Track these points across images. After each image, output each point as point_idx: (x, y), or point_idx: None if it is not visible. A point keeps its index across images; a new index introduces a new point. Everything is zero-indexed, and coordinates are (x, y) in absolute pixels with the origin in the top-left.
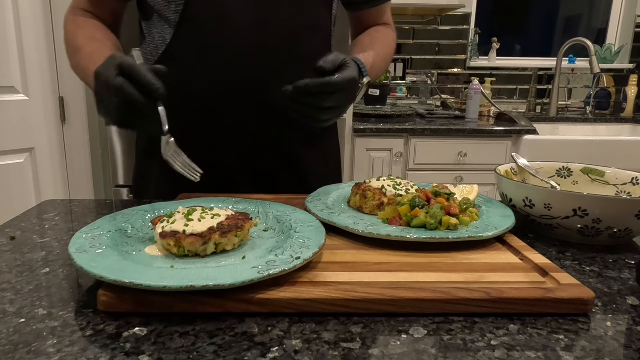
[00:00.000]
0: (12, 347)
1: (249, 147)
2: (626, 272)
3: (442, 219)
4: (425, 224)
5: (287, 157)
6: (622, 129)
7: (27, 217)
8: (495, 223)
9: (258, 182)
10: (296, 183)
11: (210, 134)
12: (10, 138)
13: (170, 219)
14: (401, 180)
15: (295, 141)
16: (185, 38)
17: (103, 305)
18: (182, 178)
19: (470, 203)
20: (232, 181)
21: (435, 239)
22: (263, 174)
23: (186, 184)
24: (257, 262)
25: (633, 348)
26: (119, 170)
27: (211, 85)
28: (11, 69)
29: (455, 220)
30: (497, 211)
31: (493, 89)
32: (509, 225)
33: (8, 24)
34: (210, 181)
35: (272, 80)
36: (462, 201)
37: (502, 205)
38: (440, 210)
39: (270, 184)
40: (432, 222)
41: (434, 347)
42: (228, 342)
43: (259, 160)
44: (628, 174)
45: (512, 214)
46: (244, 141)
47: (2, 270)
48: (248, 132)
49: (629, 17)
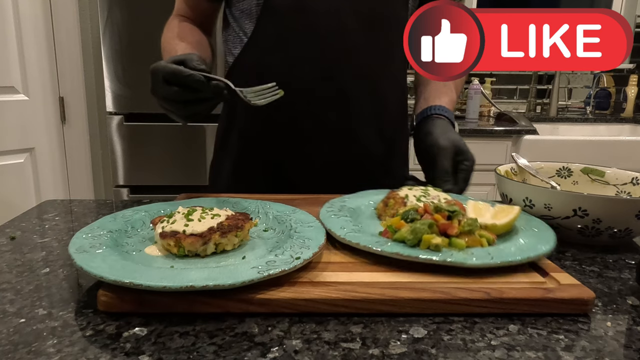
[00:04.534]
0: (12, 347)
1: (324, 138)
2: (626, 272)
3: (423, 237)
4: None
5: (358, 149)
6: (622, 129)
7: (27, 217)
8: (506, 253)
9: (325, 174)
10: (363, 178)
11: (287, 124)
12: (10, 138)
13: (170, 219)
14: (437, 190)
15: (370, 134)
16: (266, 28)
17: (103, 305)
18: (249, 172)
19: (476, 225)
20: (300, 170)
21: (418, 258)
22: (332, 165)
23: (251, 178)
24: (257, 262)
25: (633, 348)
26: (119, 170)
27: (291, 74)
28: (11, 69)
29: (440, 240)
30: (530, 241)
31: (493, 89)
32: (519, 259)
33: (8, 24)
34: (280, 172)
35: (349, 69)
36: (466, 222)
37: (546, 237)
38: (426, 227)
39: (336, 177)
40: (410, 239)
41: (434, 347)
42: (228, 342)
43: (333, 152)
44: (628, 174)
45: (547, 247)
46: (320, 133)
47: (2, 270)
48: (324, 123)
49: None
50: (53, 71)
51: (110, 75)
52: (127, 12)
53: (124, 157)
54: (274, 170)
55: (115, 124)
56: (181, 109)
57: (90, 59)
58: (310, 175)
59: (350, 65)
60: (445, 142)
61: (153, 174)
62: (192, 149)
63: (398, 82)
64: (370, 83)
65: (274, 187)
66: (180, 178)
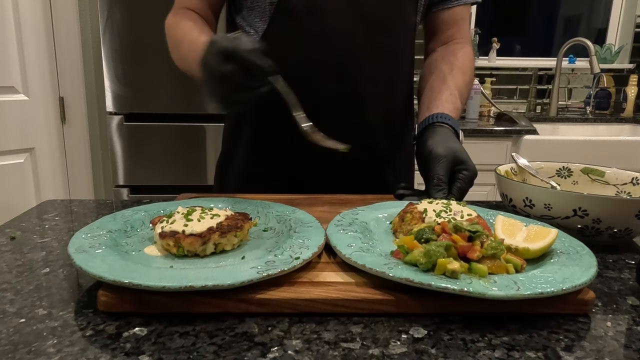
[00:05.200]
0: (12, 347)
1: (335, 134)
2: (626, 272)
3: (438, 261)
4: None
5: (367, 145)
6: (622, 129)
7: (27, 217)
8: (536, 282)
9: (337, 174)
10: (372, 178)
11: (302, 150)
12: (10, 138)
13: (170, 219)
14: (461, 205)
15: (378, 133)
16: (279, 27)
17: (103, 305)
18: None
19: (501, 249)
20: (313, 170)
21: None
22: (343, 164)
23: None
24: (257, 262)
25: (633, 348)
26: (119, 170)
27: (303, 73)
28: (11, 69)
29: (458, 265)
30: (567, 268)
31: (493, 89)
32: (551, 290)
33: (8, 24)
34: (294, 171)
35: (360, 70)
36: (489, 244)
37: (586, 263)
38: (442, 250)
39: (347, 176)
40: (423, 263)
41: (434, 347)
42: (228, 342)
43: (352, 168)
44: (628, 174)
45: (586, 276)
46: (331, 129)
47: (2, 270)
48: (335, 120)
49: (629, 17)
50: (53, 71)
51: (110, 75)
52: (127, 12)
53: (124, 157)
54: (284, 166)
55: (115, 124)
56: (230, 91)
57: (90, 59)
58: (321, 170)
59: (360, 65)
60: (442, 150)
61: (153, 174)
62: (192, 149)
63: (406, 81)
64: (381, 83)
65: (282, 183)
66: (180, 178)
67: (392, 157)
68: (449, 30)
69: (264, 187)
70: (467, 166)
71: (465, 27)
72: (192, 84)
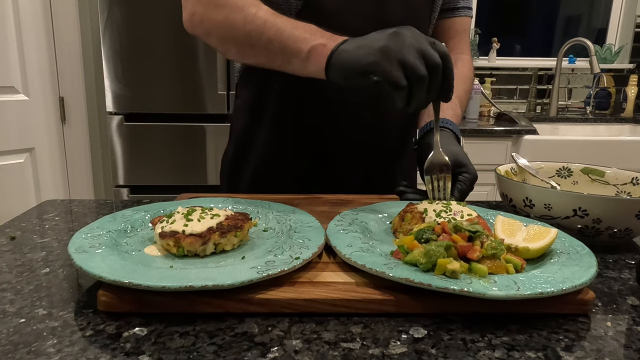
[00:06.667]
0: (12, 347)
1: (357, 132)
2: (626, 272)
3: (438, 261)
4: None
5: (383, 142)
6: (622, 129)
7: (27, 217)
8: (536, 282)
9: (350, 155)
10: (380, 171)
11: (322, 124)
12: (10, 138)
13: (170, 219)
14: (461, 205)
15: (394, 130)
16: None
17: (103, 305)
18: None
19: (501, 249)
20: (329, 146)
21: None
22: (357, 145)
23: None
24: (257, 262)
25: (633, 348)
26: (119, 170)
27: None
28: (11, 69)
29: (458, 265)
30: (566, 268)
31: (493, 89)
32: (551, 290)
33: (8, 24)
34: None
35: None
36: (489, 244)
37: (585, 262)
38: (442, 250)
39: (358, 161)
40: (423, 262)
41: (434, 347)
42: (228, 342)
43: (365, 155)
44: (628, 174)
45: (586, 276)
46: (353, 128)
47: (2, 270)
48: (359, 122)
49: (629, 17)
50: (53, 71)
51: (110, 75)
52: (127, 12)
53: (124, 157)
54: (302, 147)
55: (115, 124)
56: (422, 90)
57: (90, 59)
58: (337, 147)
59: None
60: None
61: (153, 174)
62: (192, 149)
63: None
64: None
65: (298, 161)
66: (180, 178)
67: (400, 153)
68: (450, 40)
69: (282, 169)
70: (467, 169)
71: (466, 38)
72: (192, 84)
